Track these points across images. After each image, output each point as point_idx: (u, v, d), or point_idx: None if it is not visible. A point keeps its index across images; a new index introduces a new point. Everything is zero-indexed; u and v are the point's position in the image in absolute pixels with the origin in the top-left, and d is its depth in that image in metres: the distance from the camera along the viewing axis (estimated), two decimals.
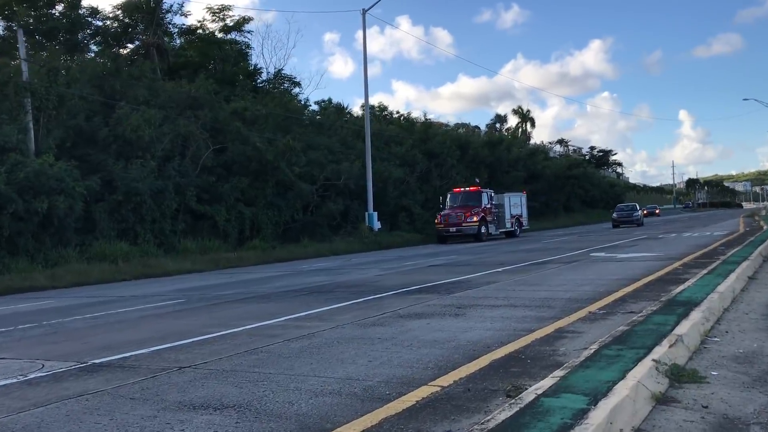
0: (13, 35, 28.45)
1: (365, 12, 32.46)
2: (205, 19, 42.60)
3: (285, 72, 44.60)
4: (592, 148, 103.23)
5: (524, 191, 39.15)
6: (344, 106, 44.63)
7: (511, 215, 34.45)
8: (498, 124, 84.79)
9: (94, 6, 38.75)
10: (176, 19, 64.16)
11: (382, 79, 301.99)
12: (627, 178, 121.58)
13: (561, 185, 60.46)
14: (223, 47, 41.57)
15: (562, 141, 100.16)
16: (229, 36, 43.06)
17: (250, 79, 41.33)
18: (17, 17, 31.36)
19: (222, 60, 40.82)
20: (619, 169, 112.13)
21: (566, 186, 61.73)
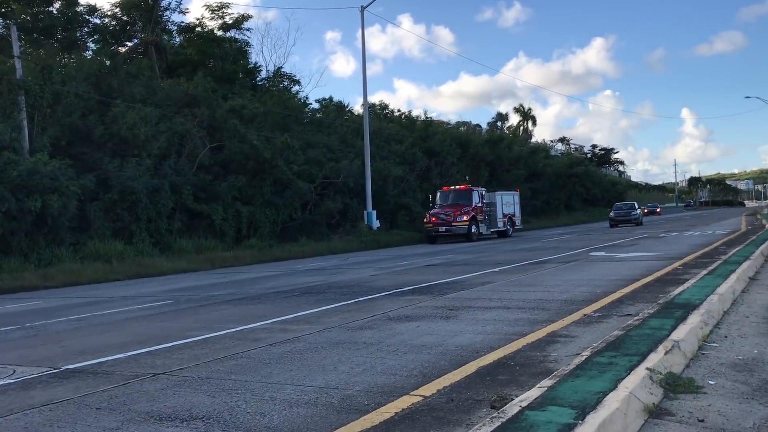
0: (9, 32, 28.20)
1: (363, 9, 32.27)
2: (203, 17, 42.28)
3: (285, 70, 44.40)
4: (594, 146, 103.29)
5: (518, 189, 38.40)
6: (345, 105, 44.33)
7: (503, 214, 33.28)
8: (499, 123, 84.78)
9: (92, 4, 38.30)
10: (175, 16, 64.22)
11: (383, 78, 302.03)
12: (629, 177, 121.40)
13: (562, 184, 60.27)
14: (222, 45, 41.30)
15: (563, 139, 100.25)
16: (228, 34, 42.81)
17: (249, 77, 41.10)
18: (12, 14, 31.13)
19: (221, 58, 40.56)
20: (620, 168, 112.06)
21: (567, 184, 61.51)
